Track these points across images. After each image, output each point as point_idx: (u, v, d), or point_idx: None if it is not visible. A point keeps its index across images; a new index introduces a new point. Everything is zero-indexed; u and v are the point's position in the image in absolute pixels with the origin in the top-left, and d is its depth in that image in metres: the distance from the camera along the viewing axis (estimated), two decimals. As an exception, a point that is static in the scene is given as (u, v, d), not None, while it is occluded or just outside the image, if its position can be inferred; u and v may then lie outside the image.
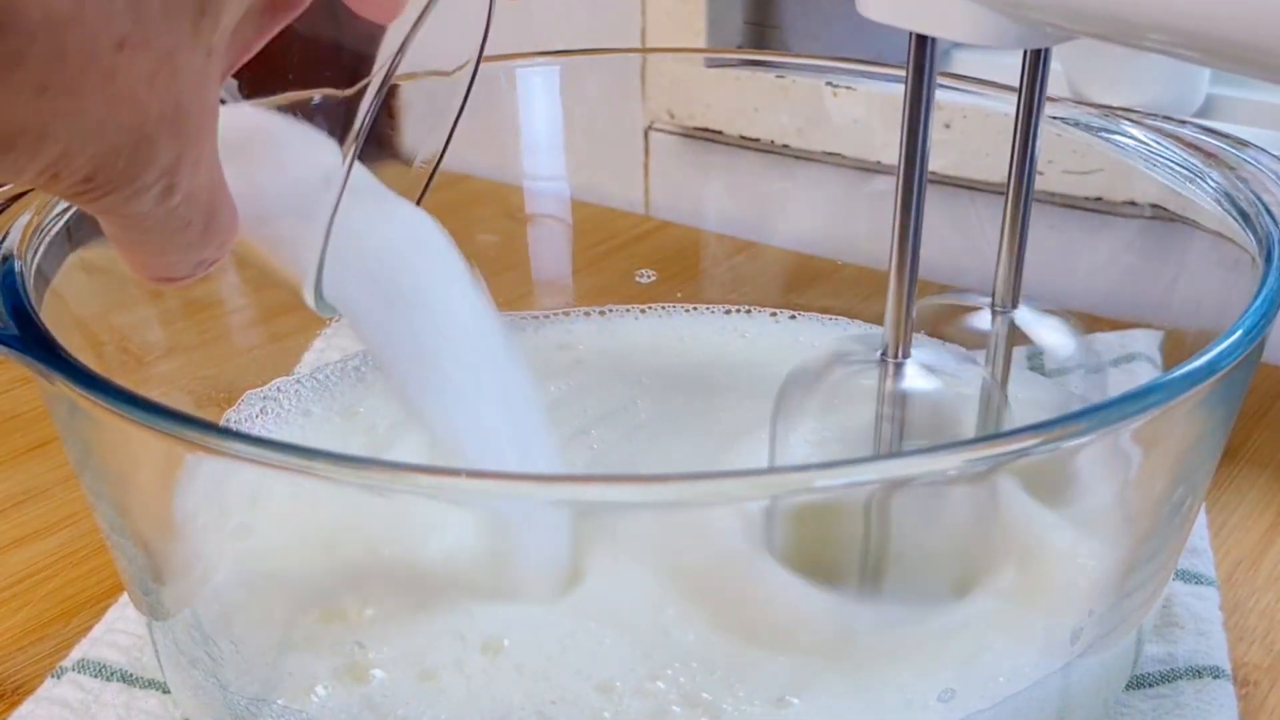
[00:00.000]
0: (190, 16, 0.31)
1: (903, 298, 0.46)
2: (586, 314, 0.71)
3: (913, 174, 0.45)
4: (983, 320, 0.54)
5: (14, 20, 0.27)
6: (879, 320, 0.47)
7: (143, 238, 0.35)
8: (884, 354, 0.47)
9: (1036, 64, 0.50)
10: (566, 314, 0.71)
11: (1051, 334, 0.57)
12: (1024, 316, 0.54)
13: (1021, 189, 0.52)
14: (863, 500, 0.45)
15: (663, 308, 0.71)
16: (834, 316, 0.70)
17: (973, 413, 0.49)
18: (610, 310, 0.71)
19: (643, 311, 0.71)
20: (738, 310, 0.71)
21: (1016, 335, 0.54)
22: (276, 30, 0.39)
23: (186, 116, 0.32)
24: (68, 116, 0.30)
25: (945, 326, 0.55)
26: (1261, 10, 0.32)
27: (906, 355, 0.47)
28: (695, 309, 0.72)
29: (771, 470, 0.46)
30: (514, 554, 0.47)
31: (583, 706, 0.43)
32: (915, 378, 0.47)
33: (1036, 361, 0.62)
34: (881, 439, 0.47)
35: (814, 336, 0.69)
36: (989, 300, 0.54)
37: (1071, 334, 0.56)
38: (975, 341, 0.54)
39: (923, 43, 0.43)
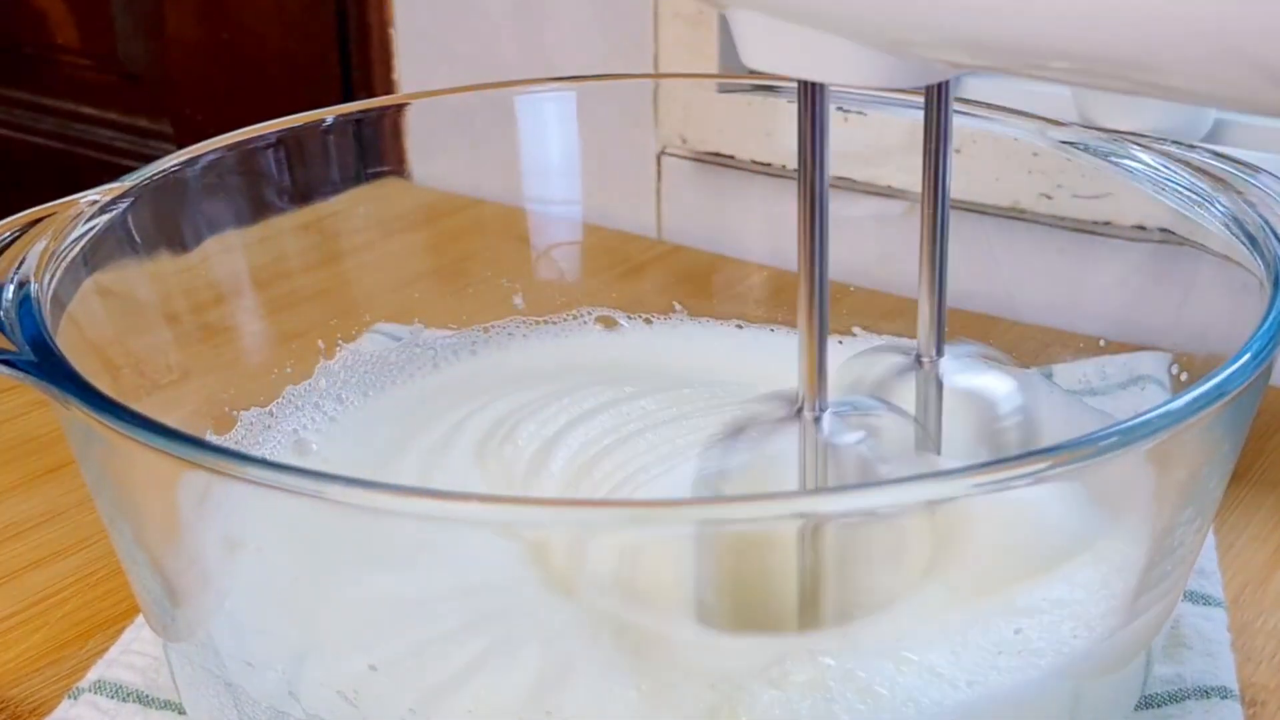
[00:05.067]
0: None
1: (815, 346, 0.44)
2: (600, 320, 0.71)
3: (813, 232, 0.43)
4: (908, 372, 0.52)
5: None
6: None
7: None
8: (800, 408, 0.45)
9: (937, 99, 0.48)
10: (581, 322, 0.71)
11: (983, 379, 0.53)
12: (951, 365, 0.52)
13: (936, 231, 0.50)
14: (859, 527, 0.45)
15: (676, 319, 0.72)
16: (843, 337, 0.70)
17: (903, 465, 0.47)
18: (621, 324, 0.71)
19: (647, 323, 0.72)
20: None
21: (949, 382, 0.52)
22: None
23: None
24: None
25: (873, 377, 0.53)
26: (1154, 26, 0.31)
27: (823, 408, 0.45)
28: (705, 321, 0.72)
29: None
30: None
31: None
32: (836, 432, 0.45)
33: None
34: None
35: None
36: (915, 351, 0.52)
37: (1011, 377, 0.54)
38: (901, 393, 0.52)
39: (811, 90, 0.41)
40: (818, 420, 0.45)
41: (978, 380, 0.52)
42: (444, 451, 0.60)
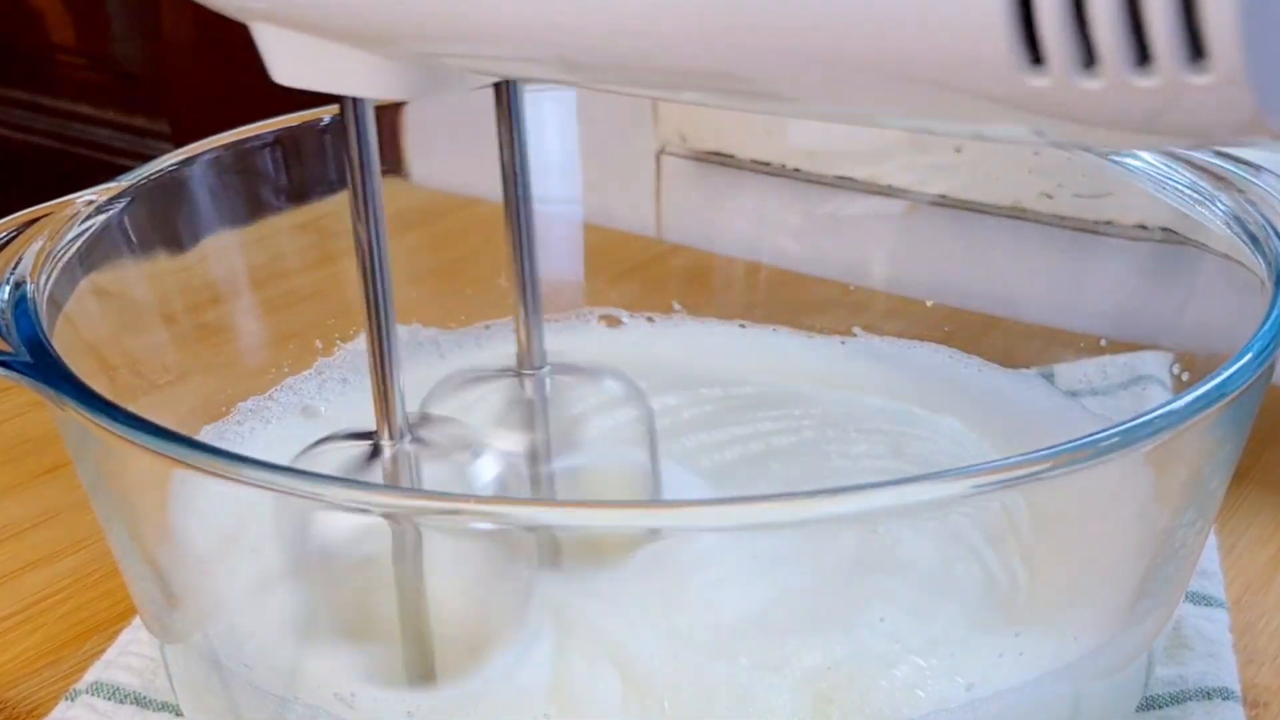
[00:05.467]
0: None
1: (386, 373, 0.44)
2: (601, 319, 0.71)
3: (370, 249, 0.43)
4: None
5: None
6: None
7: None
8: (377, 438, 0.45)
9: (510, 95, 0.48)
10: (584, 321, 0.71)
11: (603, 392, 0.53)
12: (559, 379, 0.52)
13: (519, 233, 0.50)
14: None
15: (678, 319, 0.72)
16: (845, 338, 0.70)
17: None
18: (622, 322, 0.71)
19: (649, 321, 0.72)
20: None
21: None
22: None
23: None
24: None
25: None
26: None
27: (404, 435, 0.45)
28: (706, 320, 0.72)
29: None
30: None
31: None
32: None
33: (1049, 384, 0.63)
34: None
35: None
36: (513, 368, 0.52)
37: (630, 389, 0.54)
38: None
39: (352, 104, 0.41)
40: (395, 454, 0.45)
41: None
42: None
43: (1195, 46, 0.26)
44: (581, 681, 0.44)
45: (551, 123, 0.71)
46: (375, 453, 0.45)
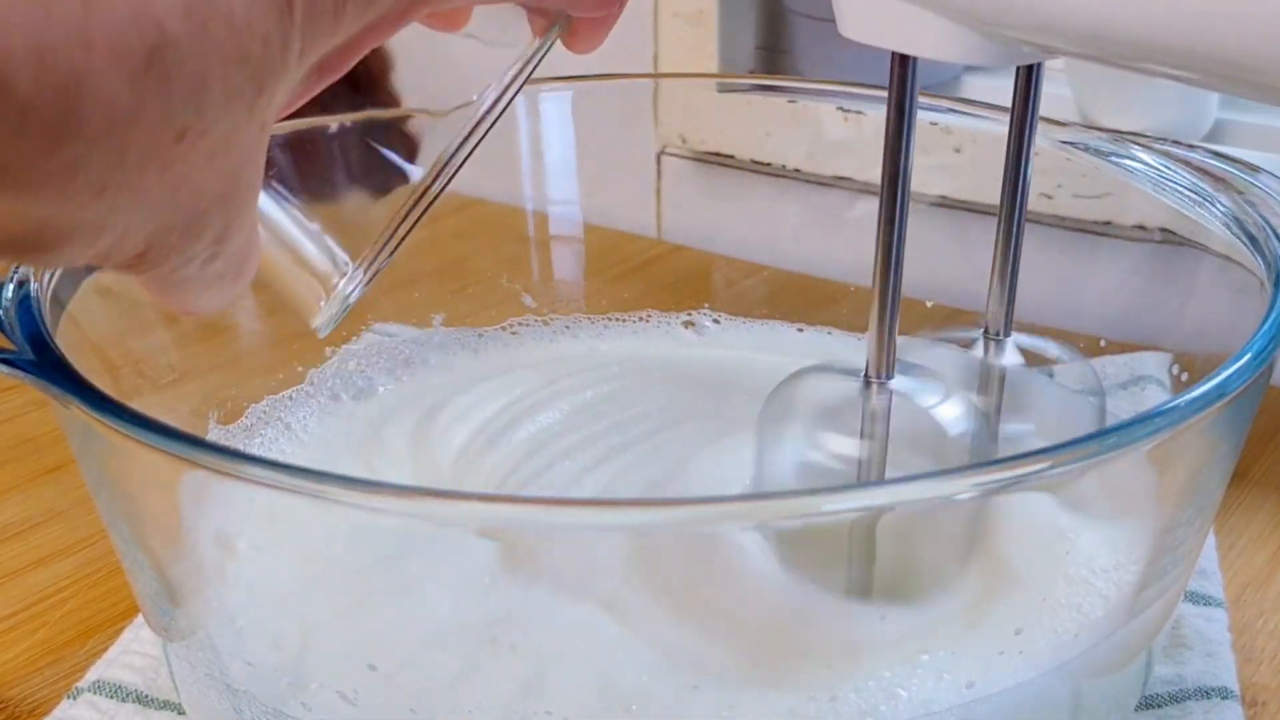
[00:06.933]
0: (248, 97, 0.30)
1: (886, 316, 0.45)
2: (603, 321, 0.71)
3: (895, 193, 0.45)
4: (977, 349, 0.54)
5: (75, 126, 0.26)
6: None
7: (179, 291, 0.34)
8: (867, 375, 0.46)
9: (1029, 81, 0.50)
10: (590, 320, 0.71)
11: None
12: (1019, 342, 0.54)
13: (1014, 213, 0.52)
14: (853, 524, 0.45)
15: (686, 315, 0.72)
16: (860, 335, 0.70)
17: (959, 438, 0.48)
18: (625, 319, 0.71)
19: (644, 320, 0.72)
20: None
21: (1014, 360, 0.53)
22: (318, 90, 0.39)
23: (240, 188, 0.32)
24: (125, 210, 0.29)
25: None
26: (1249, 28, 0.32)
27: (890, 376, 0.46)
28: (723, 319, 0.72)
29: (774, 494, 0.46)
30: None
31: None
32: (900, 399, 0.46)
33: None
34: (867, 462, 0.46)
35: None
36: (982, 332, 0.54)
37: (1076, 357, 0.55)
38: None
39: (904, 62, 0.43)
40: (883, 387, 0.46)
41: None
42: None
43: None
44: None
45: (551, 123, 0.71)
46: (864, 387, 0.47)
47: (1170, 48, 0.34)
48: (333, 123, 0.63)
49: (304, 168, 0.62)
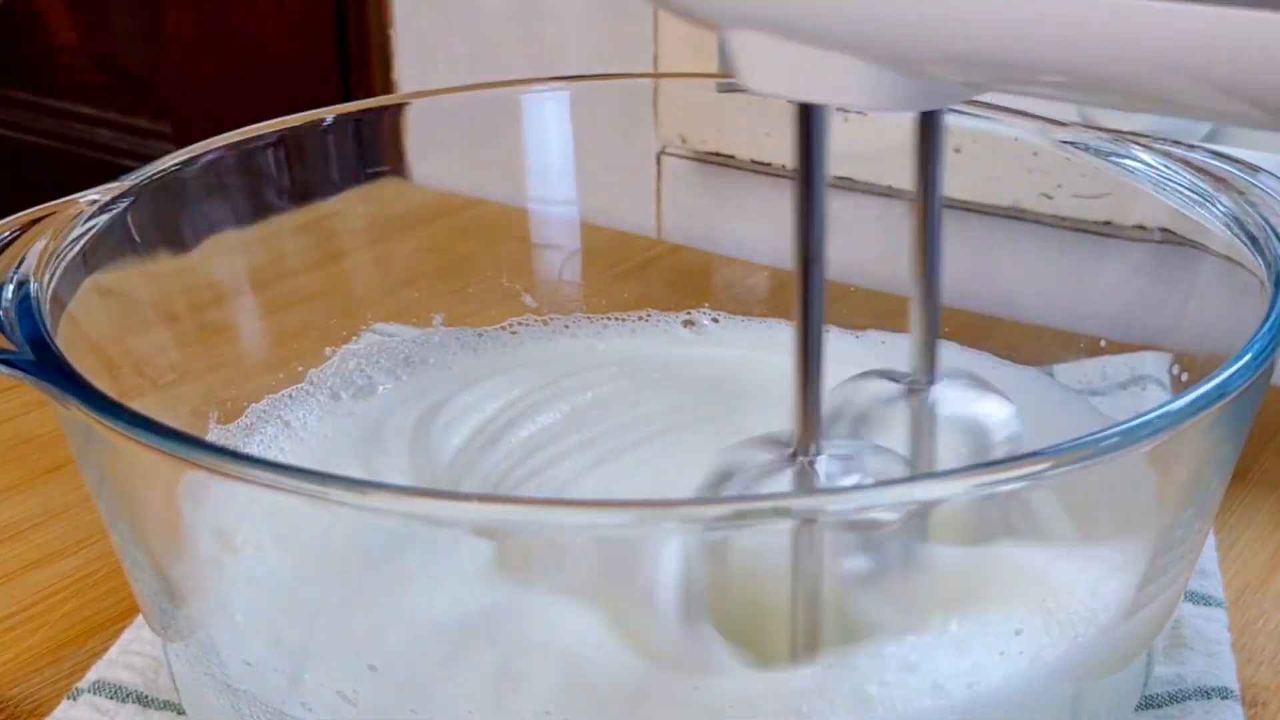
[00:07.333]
0: None
1: (809, 390, 0.42)
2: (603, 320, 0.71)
3: (806, 273, 0.41)
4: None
5: None
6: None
7: None
8: (794, 452, 0.43)
9: (931, 128, 0.47)
10: (589, 320, 0.71)
11: (977, 408, 0.51)
12: (945, 392, 0.50)
13: (926, 258, 0.49)
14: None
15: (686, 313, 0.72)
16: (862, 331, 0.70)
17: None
18: (625, 318, 0.71)
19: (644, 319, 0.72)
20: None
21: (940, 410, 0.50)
22: None
23: None
24: None
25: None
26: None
27: (819, 451, 0.43)
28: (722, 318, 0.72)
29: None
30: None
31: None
32: (833, 478, 0.44)
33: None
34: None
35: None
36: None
37: (1006, 404, 0.51)
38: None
39: (812, 113, 0.40)
40: (813, 465, 0.43)
41: (971, 410, 0.51)
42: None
43: None
44: None
45: (551, 123, 0.71)
46: (790, 462, 0.44)
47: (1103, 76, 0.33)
48: (328, 115, 0.63)
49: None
